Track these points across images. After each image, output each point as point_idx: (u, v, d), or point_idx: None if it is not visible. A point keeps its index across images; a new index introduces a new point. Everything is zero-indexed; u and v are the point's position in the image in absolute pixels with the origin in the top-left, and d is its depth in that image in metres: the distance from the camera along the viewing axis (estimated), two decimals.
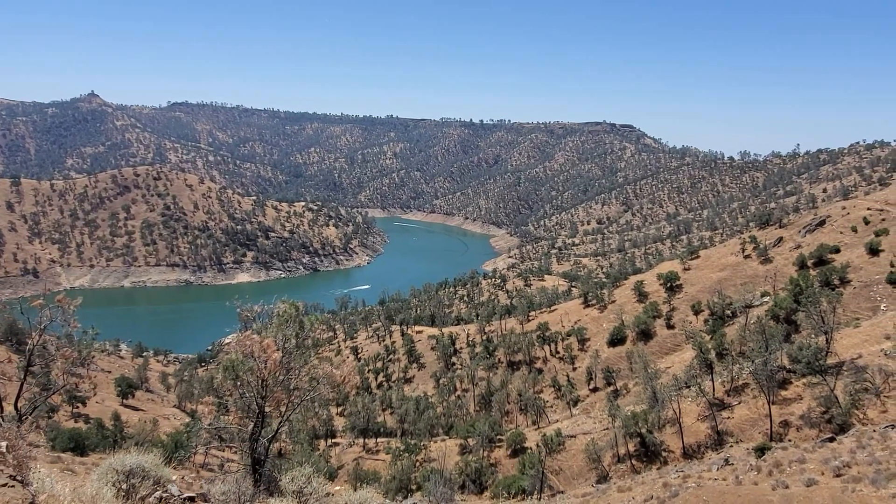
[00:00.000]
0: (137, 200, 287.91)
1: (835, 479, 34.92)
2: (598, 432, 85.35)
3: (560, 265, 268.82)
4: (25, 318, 20.83)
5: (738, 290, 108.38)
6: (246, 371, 14.47)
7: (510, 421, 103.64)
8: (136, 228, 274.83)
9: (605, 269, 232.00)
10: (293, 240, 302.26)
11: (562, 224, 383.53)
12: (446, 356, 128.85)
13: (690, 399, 79.01)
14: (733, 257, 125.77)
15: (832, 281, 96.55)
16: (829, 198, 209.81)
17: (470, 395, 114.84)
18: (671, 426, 76.29)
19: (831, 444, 48.46)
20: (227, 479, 14.22)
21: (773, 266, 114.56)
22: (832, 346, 71.71)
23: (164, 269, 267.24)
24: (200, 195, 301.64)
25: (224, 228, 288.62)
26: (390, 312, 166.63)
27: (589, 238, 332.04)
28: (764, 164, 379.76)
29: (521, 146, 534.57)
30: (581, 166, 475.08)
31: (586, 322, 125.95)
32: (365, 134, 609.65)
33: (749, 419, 69.84)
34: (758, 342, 76.97)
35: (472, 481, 72.53)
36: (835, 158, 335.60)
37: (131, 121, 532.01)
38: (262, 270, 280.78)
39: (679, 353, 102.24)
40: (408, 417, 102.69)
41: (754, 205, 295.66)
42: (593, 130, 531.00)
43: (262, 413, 14.70)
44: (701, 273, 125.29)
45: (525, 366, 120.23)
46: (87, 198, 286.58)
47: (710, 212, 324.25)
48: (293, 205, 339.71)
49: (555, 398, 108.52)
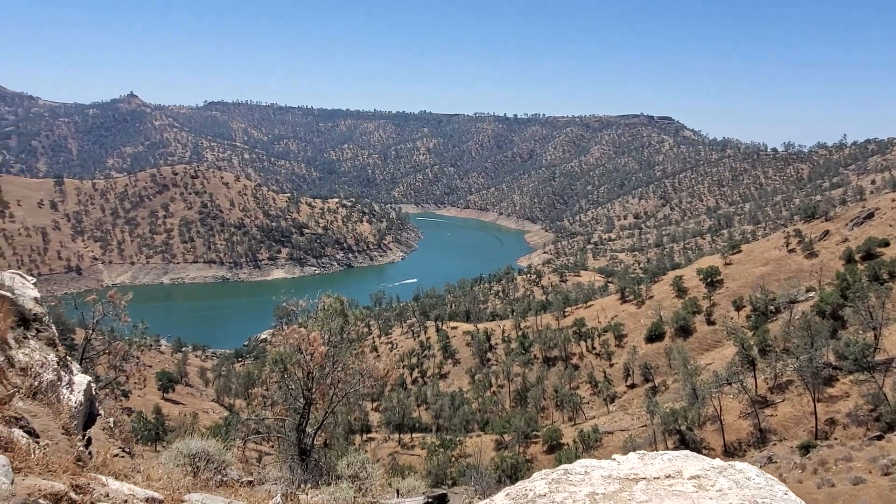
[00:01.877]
0: (176, 199, 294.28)
1: (883, 477, 33.55)
2: (635, 429, 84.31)
3: (596, 261, 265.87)
4: (79, 313, 21.21)
5: (781, 285, 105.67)
6: (293, 363, 14.69)
7: (546, 417, 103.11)
8: (174, 226, 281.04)
9: (643, 265, 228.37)
10: (327, 236, 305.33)
11: (597, 219, 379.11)
12: (481, 352, 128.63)
13: (732, 396, 77.40)
14: (777, 251, 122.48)
15: (881, 275, 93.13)
16: (878, 189, 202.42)
17: (505, 390, 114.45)
18: (712, 423, 74.86)
19: (879, 442, 46.74)
20: (282, 466, 14.56)
21: (819, 260, 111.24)
22: (880, 343, 69.40)
23: (202, 266, 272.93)
24: (236, 193, 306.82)
25: (259, 225, 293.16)
26: (425, 308, 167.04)
27: (625, 233, 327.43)
28: (809, 156, 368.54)
29: (556, 140, 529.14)
30: (617, 160, 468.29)
31: (623, 318, 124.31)
32: (398, 130, 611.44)
33: (793, 417, 68.11)
34: (803, 338, 75.04)
35: (507, 477, 72.04)
36: (884, 149, 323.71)
37: (169, 120, 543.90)
38: (296, 267, 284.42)
39: (720, 350, 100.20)
40: (443, 413, 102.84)
41: (799, 197, 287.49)
42: (630, 123, 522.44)
43: (308, 404, 14.94)
44: (743, 268, 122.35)
45: (561, 362, 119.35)
46: (127, 196, 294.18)
47: (752, 205, 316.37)
48: (327, 201, 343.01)
49: (591, 394, 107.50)
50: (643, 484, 5.36)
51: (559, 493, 5.34)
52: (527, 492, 5.51)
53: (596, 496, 5.20)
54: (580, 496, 5.23)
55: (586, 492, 5.30)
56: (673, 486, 5.33)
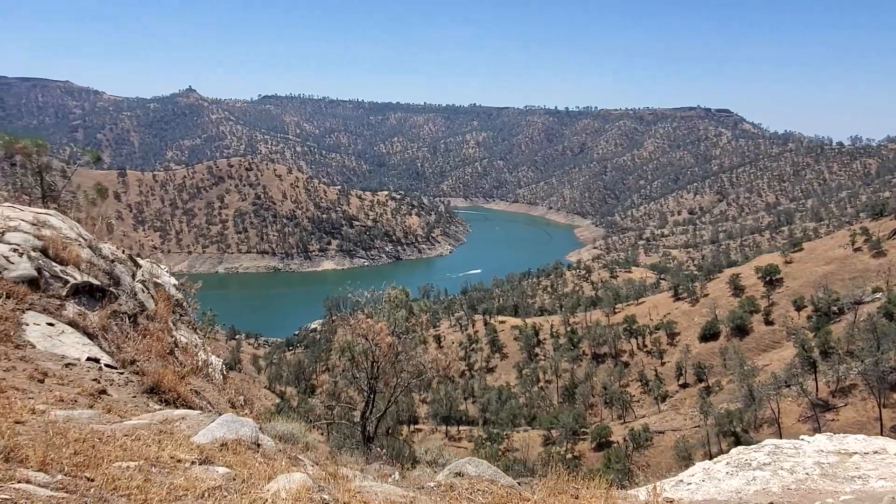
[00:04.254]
0: (231, 190, 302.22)
1: None
2: (688, 429, 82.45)
3: (648, 257, 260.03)
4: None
5: (845, 285, 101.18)
6: (360, 353, 14.84)
7: (594, 414, 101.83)
8: (229, 217, 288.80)
9: (697, 262, 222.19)
10: (376, 228, 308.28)
11: (650, 214, 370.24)
12: (529, 347, 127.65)
13: (791, 399, 74.77)
14: (841, 250, 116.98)
15: None
16: None
17: (553, 386, 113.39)
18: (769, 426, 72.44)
19: None
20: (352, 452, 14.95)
21: (887, 260, 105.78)
22: None
23: (255, 256, 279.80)
24: (288, 185, 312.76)
25: (310, 217, 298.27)
26: (473, 302, 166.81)
27: (679, 229, 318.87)
28: (878, 150, 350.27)
29: (608, 134, 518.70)
30: (672, 154, 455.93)
31: (676, 316, 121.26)
32: (447, 123, 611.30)
33: (856, 422, 65.13)
34: (868, 341, 71.68)
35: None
36: None
37: (225, 114, 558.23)
38: (345, 258, 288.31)
39: (778, 351, 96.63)
40: (490, 407, 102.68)
41: (866, 194, 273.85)
42: (686, 116, 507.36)
43: (373, 393, 15.09)
44: (804, 266, 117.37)
45: (610, 359, 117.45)
46: (185, 188, 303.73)
47: (814, 201, 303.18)
48: (376, 194, 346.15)
49: (641, 393, 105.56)
50: (857, 458, 5.94)
51: (785, 462, 5.96)
52: (749, 460, 6.15)
53: (822, 465, 5.80)
54: (808, 464, 5.84)
55: (812, 461, 5.92)
56: (885, 459, 5.91)
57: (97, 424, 4.24)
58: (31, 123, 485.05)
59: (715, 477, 5.98)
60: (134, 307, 7.82)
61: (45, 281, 6.69)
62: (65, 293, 6.73)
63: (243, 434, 4.62)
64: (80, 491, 3.37)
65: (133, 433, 4.23)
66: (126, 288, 8.03)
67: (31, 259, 6.66)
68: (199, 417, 5.01)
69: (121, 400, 5.41)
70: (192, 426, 4.84)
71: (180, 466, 3.76)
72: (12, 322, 5.84)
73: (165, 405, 5.87)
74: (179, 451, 3.97)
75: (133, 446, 3.94)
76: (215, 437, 4.55)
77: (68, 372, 5.62)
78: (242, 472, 3.94)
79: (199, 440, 4.45)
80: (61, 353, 5.84)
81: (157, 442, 4.13)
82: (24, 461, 3.29)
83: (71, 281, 6.92)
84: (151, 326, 7.61)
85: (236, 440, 4.52)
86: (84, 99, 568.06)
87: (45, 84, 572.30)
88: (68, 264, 7.15)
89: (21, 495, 3.12)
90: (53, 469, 3.46)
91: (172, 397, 6.12)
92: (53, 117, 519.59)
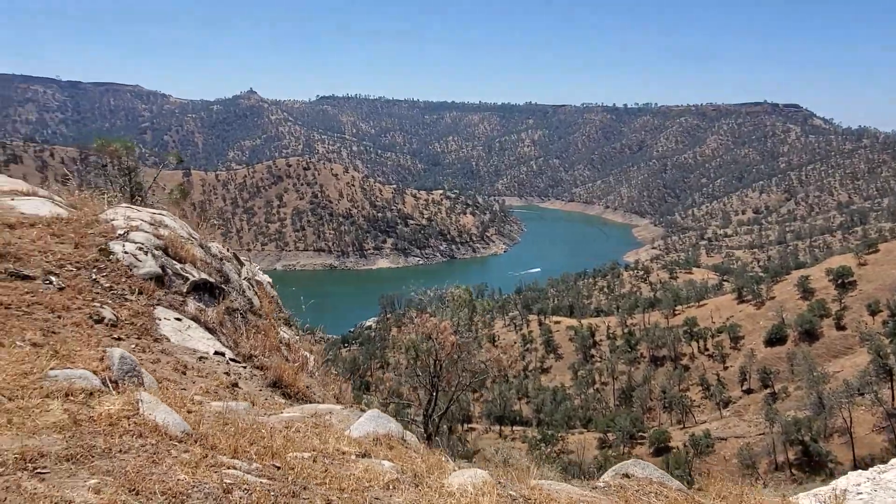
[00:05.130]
0: (289, 189, 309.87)
1: None
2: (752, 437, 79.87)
3: (710, 257, 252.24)
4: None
5: None
6: (424, 351, 15.20)
7: (652, 418, 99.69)
8: (287, 215, 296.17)
9: (763, 263, 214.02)
10: (431, 227, 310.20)
11: (712, 214, 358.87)
12: (585, 348, 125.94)
13: (864, 408, 71.40)
14: None
15: None
16: None
17: (609, 388, 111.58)
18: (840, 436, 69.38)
19: None
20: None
21: None
22: None
23: (312, 254, 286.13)
24: (345, 184, 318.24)
25: (366, 216, 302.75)
26: (527, 301, 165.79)
27: (744, 229, 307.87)
28: None
29: (669, 131, 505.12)
30: (736, 151, 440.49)
31: (740, 319, 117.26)
32: (503, 121, 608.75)
33: None
34: None
35: None
36: None
37: (284, 115, 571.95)
38: (400, 257, 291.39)
39: (850, 357, 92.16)
40: (544, 408, 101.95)
41: None
42: (752, 112, 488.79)
43: (436, 390, 15.40)
44: (880, 269, 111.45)
45: (670, 362, 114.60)
46: (245, 187, 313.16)
47: (891, 200, 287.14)
48: (431, 193, 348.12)
49: (702, 398, 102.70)
50: None
51: None
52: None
53: None
54: None
55: None
56: None
57: (253, 416, 4.56)
58: (104, 126, 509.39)
59: (890, 488, 5.50)
60: (244, 304, 8.28)
61: (169, 278, 7.16)
62: (185, 290, 7.18)
63: (391, 430, 4.86)
64: (277, 478, 3.47)
65: (291, 425, 4.50)
66: (235, 285, 8.49)
67: (155, 257, 7.15)
68: (343, 412, 5.30)
69: (251, 393, 5.79)
70: (341, 420, 5.11)
71: (347, 459, 3.92)
72: (148, 317, 6.30)
73: (287, 399, 6.22)
74: (342, 445, 4.17)
75: (296, 437, 4.19)
76: (367, 432, 4.76)
77: (202, 365, 6.01)
78: (406, 465, 4.14)
79: (352, 434, 4.69)
80: (192, 347, 6.24)
81: (317, 434, 4.34)
82: (215, 448, 3.57)
83: (190, 278, 7.37)
84: (259, 323, 8.03)
85: (386, 435, 4.73)
86: (152, 102, 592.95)
87: (116, 88, 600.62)
88: (186, 262, 7.61)
89: (238, 481, 3.24)
90: (243, 457, 3.57)
91: (293, 392, 6.48)
92: (124, 120, 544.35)
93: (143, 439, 3.28)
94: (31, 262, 6.52)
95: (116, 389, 3.93)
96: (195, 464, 3.32)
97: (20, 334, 4.78)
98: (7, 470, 2.90)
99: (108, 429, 3.26)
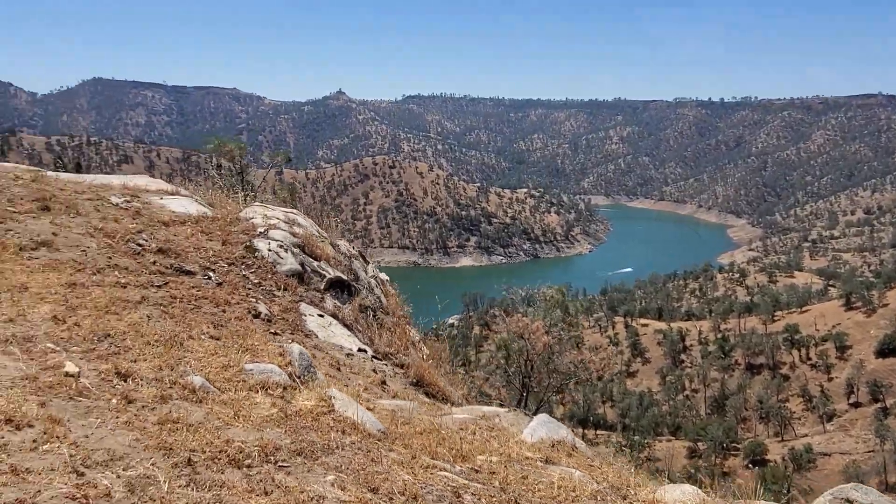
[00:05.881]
0: (374, 187, 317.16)
1: None
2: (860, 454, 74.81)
3: (814, 260, 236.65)
4: None
5: None
6: (515, 351, 15.17)
7: (747, 429, 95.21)
8: (372, 213, 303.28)
9: (874, 267, 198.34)
10: (514, 226, 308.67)
11: (817, 214, 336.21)
12: (674, 352, 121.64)
13: None
14: None
15: None
16: None
17: (700, 396, 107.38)
18: None
19: None
20: None
21: None
22: None
23: (396, 251, 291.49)
24: (429, 182, 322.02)
25: (449, 214, 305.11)
26: (612, 303, 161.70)
27: (853, 230, 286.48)
28: None
29: (770, 126, 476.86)
30: (845, 147, 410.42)
31: (847, 327, 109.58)
32: (590, 118, 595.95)
33: None
34: None
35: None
36: None
37: (371, 114, 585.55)
38: (483, 255, 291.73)
39: None
40: (630, 413, 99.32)
41: None
42: (864, 104, 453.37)
43: (526, 391, 15.36)
44: None
45: (767, 370, 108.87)
46: (333, 185, 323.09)
47: None
48: (515, 191, 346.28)
49: (803, 409, 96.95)
50: None
51: None
52: None
53: None
54: None
55: None
56: None
57: (424, 415, 4.69)
58: (205, 127, 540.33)
59: None
60: (374, 302, 8.55)
61: (307, 275, 7.50)
62: (323, 287, 7.50)
63: (563, 436, 4.82)
64: (481, 481, 3.46)
65: (466, 427, 4.58)
66: (364, 283, 8.80)
67: (294, 255, 7.50)
68: (509, 415, 5.37)
69: (400, 391, 5.97)
70: (512, 424, 5.16)
71: (535, 464, 3.94)
72: (295, 313, 6.63)
73: (429, 398, 6.36)
74: (523, 450, 4.21)
75: (474, 440, 4.26)
76: (541, 437, 4.72)
77: (351, 362, 6.24)
78: (596, 475, 4.11)
79: (527, 439, 4.71)
80: (338, 344, 6.51)
81: (495, 438, 4.40)
82: (410, 447, 3.65)
83: (326, 276, 7.69)
84: (387, 321, 8.27)
85: (561, 442, 4.69)
86: (248, 104, 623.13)
87: (216, 92, 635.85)
88: (321, 259, 7.95)
89: (460, 485, 3.25)
90: (440, 458, 3.62)
91: (434, 391, 6.62)
92: (222, 121, 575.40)
93: (348, 436, 3.44)
94: (189, 259, 7.01)
95: (304, 385, 4.15)
96: (408, 464, 3.41)
97: (199, 327, 5.14)
98: (254, 462, 3.07)
99: (314, 424, 3.45)
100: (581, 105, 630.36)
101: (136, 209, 8.17)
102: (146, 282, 5.98)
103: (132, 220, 7.68)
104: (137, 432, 3.16)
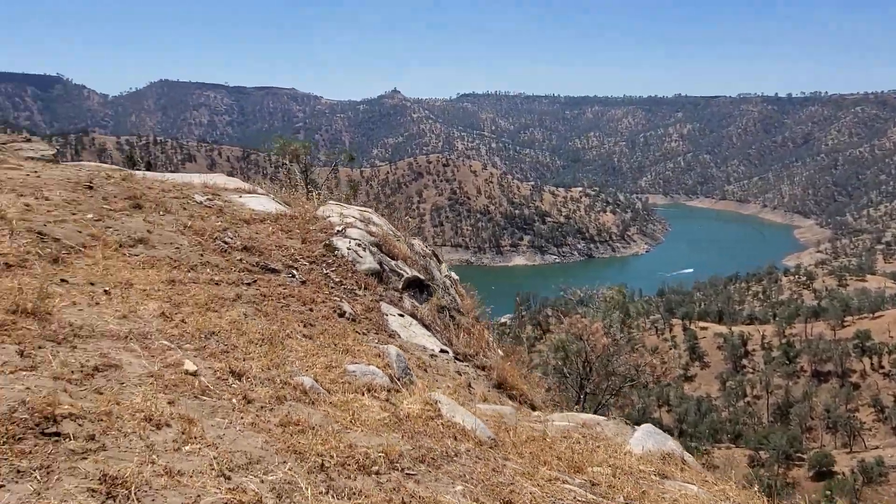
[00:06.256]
0: (428, 186, 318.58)
1: None
2: None
3: (888, 263, 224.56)
4: None
5: None
6: (573, 353, 14.91)
7: (812, 439, 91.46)
8: (426, 211, 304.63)
9: None
10: (569, 225, 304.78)
11: (892, 214, 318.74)
12: (735, 357, 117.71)
13: None
14: None
15: None
16: None
17: (763, 403, 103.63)
18: None
19: None
20: None
21: None
22: None
23: (449, 249, 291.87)
24: (483, 181, 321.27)
25: (503, 212, 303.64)
26: (670, 305, 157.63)
27: None
28: None
29: (841, 122, 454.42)
30: None
31: None
32: (648, 115, 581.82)
33: None
34: None
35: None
36: None
37: (425, 113, 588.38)
38: (536, 254, 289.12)
39: None
40: (687, 418, 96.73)
41: None
42: None
43: (584, 393, 15.09)
44: None
45: (835, 378, 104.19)
46: (387, 183, 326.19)
47: None
48: (570, 190, 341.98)
49: (874, 420, 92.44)
50: None
51: None
52: None
53: None
54: None
55: None
56: None
57: (524, 421, 4.65)
58: (263, 127, 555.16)
59: None
60: (450, 302, 8.56)
61: (385, 274, 7.57)
62: (401, 286, 7.55)
63: (671, 448, 4.70)
64: (604, 495, 3.39)
65: (569, 436, 4.52)
66: (439, 283, 8.81)
67: (373, 253, 7.57)
68: (610, 424, 5.27)
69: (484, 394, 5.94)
70: (616, 434, 5.05)
71: (650, 478, 3.84)
72: (377, 312, 6.69)
73: (513, 401, 6.31)
74: (633, 462, 4.12)
75: (581, 450, 4.18)
76: (649, 449, 4.61)
77: (436, 363, 6.25)
78: (714, 491, 3.97)
79: (634, 450, 4.60)
80: (421, 344, 6.53)
81: (602, 448, 4.30)
82: (523, 456, 3.63)
83: (404, 275, 7.74)
84: (463, 321, 8.26)
85: (669, 454, 4.57)
86: (305, 104, 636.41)
87: (274, 92, 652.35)
88: (397, 259, 8.00)
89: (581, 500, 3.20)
90: (554, 468, 3.59)
91: (517, 394, 6.57)
92: (280, 120, 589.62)
93: (462, 443, 3.42)
94: (272, 257, 7.16)
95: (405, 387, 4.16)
96: (530, 475, 3.34)
97: (291, 326, 5.24)
98: (382, 469, 3.05)
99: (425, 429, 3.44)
100: (639, 102, 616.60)
101: (218, 207, 8.40)
102: (237, 279, 6.14)
103: (216, 217, 7.89)
104: (265, 434, 3.19)
